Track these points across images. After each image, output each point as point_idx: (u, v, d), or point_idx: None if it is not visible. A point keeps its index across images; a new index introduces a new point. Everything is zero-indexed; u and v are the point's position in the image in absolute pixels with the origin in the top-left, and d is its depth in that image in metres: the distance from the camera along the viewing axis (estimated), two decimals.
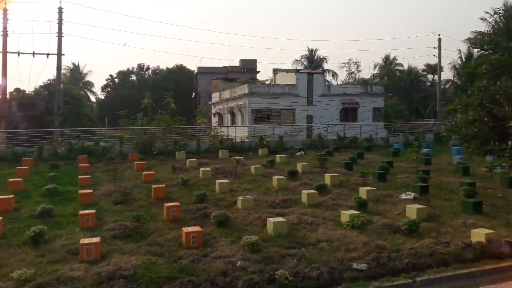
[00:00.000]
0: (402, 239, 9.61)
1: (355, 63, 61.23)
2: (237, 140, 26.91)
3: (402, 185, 15.57)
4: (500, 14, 34.64)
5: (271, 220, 10.09)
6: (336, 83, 53.48)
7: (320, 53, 58.56)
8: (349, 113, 36.46)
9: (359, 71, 62.65)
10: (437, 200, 13.41)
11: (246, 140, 26.89)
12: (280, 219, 10.32)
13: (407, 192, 13.88)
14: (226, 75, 52.73)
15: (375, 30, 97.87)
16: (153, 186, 13.97)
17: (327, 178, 15.63)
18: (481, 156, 16.29)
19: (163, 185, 14.25)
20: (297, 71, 38.05)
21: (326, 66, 57.85)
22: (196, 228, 9.35)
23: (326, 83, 40.81)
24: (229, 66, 54.98)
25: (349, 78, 61.87)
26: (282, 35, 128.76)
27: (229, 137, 28.04)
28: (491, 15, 35.58)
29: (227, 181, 15.05)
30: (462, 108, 16.90)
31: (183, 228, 9.43)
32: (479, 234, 9.41)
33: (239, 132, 28.79)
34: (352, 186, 15.36)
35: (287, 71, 39.46)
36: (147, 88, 55.23)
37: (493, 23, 34.69)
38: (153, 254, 8.43)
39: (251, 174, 17.29)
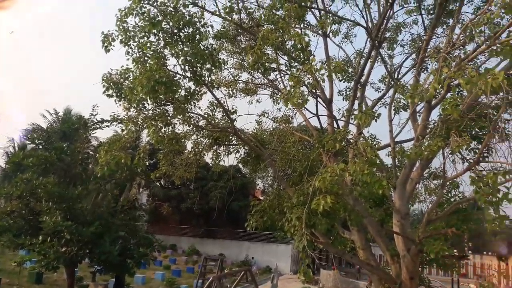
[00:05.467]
0: None
1: None
2: None
3: None
4: (59, 115, 37.32)
5: None
6: None
7: None
8: None
9: None
10: None
11: None
12: None
13: None
14: None
15: None
16: None
17: None
18: (14, 250, 15.82)
19: None
20: None
21: None
22: None
23: None
24: None
25: None
26: None
27: None
28: (51, 114, 37.66)
29: None
30: (5, 197, 16.21)
31: None
32: None
33: None
34: None
35: None
36: None
37: (52, 122, 36.67)
38: None
39: None
